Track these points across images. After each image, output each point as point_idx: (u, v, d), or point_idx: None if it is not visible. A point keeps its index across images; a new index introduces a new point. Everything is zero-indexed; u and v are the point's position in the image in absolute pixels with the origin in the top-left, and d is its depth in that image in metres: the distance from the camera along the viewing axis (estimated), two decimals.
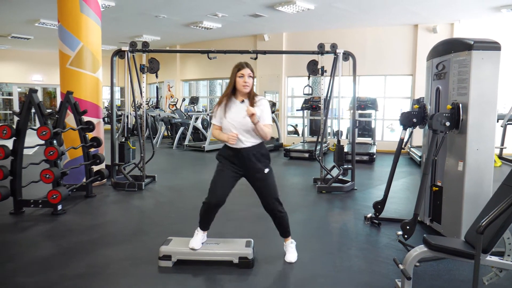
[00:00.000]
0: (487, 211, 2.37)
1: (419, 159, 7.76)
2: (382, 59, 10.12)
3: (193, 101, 12.23)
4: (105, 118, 9.01)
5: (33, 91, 4.27)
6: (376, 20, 9.51)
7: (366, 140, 10.06)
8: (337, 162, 5.77)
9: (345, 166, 5.67)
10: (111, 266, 2.99)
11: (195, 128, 11.02)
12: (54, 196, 4.16)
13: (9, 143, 4.19)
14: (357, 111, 8.18)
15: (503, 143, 8.15)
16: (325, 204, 4.95)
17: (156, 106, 11.87)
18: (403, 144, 3.95)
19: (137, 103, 6.49)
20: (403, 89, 10.52)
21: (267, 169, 2.92)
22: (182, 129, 10.82)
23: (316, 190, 5.52)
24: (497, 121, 4.45)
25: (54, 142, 4.28)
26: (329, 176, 5.78)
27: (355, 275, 2.87)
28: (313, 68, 5.78)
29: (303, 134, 10.37)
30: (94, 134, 5.35)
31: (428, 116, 3.68)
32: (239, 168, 2.90)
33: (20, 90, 16.31)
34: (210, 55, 5.66)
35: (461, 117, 3.28)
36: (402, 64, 10.02)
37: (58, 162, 4.31)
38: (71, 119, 5.13)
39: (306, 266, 3.00)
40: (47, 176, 4.11)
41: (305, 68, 5.93)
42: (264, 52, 5.75)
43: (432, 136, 3.39)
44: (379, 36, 10.13)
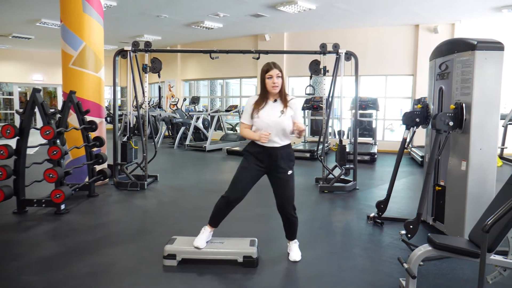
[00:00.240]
0: (491, 210, 2.38)
1: (420, 159, 7.78)
2: (383, 59, 10.13)
3: (194, 101, 12.24)
4: (107, 118, 9.02)
5: (37, 91, 4.28)
6: (377, 20, 9.53)
7: (367, 140, 10.09)
8: (339, 162, 5.78)
9: (347, 166, 5.68)
10: (116, 265, 3.00)
11: (196, 128, 11.03)
12: (58, 196, 4.16)
13: (9, 142, 4.19)
14: (358, 111, 8.19)
15: (504, 143, 8.17)
16: (328, 204, 4.96)
17: (159, 106, 11.87)
18: (406, 144, 3.96)
19: (140, 103, 6.49)
20: (404, 89, 10.54)
21: (290, 171, 2.95)
22: (183, 129, 10.83)
23: (318, 190, 5.53)
24: None
25: (58, 142, 4.29)
26: (331, 176, 5.79)
27: (359, 274, 2.89)
28: (315, 68, 5.78)
29: (304, 134, 10.38)
30: (97, 134, 5.36)
31: (431, 116, 3.68)
32: (264, 166, 2.92)
33: (21, 90, 16.30)
34: (213, 55, 5.67)
35: (465, 117, 3.29)
36: (403, 64, 10.03)
37: (61, 162, 4.33)
38: (74, 119, 5.14)
39: (310, 265, 3.01)
40: (51, 176, 4.12)
41: (306, 68, 5.93)
42: (267, 52, 5.75)
43: (436, 136, 3.40)
44: (380, 36, 10.15)
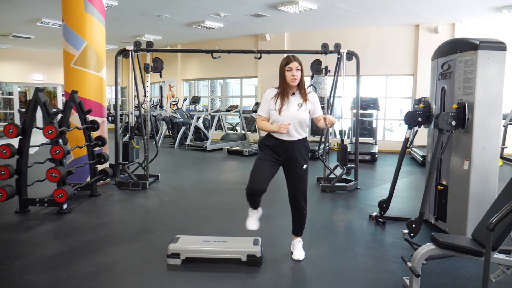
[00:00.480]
0: (495, 209, 2.38)
1: (421, 159, 7.80)
2: (384, 59, 10.14)
3: (195, 101, 12.24)
4: (109, 118, 9.03)
5: (39, 90, 4.28)
6: (378, 20, 9.54)
7: (368, 140, 10.09)
8: (341, 162, 5.79)
9: (349, 165, 5.69)
10: (119, 265, 3.00)
11: (197, 128, 11.03)
12: (60, 195, 4.16)
13: (11, 142, 4.19)
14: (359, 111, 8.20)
15: (504, 143, 8.18)
16: (329, 203, 4.97)
17: (161, 106, 11.88)
18: (408, 144, 3.97)
19: (141, 102, 6.50)
20: (404, 89, 10.55)
21: (306, 165, 2.98)
22: (184, 129, 10.83)
23: (320, 189, 5.54)
24: None
25: (60, 141, 4.29)
26: (332, 176, 5.80)
27: (363, 273, 2.90)
28: (317, 68, 5.79)
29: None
30: (99, 133, 5.36)
31: (434, 116, 3.69)
32: (280, 158, 2.94)
33: (20, 90, 16.29)
34: (214, 55, 5.68)
35: (467, 116, 3.30)
36: (404, 64, 10.05)
37: (64, 161, 4.33)
38: (75, 118, 5.14)
39: (314, 264, 3.02)
40: (53, 175, 4.12)
41: (307, 68, 5.93)
42: (268, 52, 5.76)
43: (438, 135, 3.41)
44: (381, 36, 10.16)
